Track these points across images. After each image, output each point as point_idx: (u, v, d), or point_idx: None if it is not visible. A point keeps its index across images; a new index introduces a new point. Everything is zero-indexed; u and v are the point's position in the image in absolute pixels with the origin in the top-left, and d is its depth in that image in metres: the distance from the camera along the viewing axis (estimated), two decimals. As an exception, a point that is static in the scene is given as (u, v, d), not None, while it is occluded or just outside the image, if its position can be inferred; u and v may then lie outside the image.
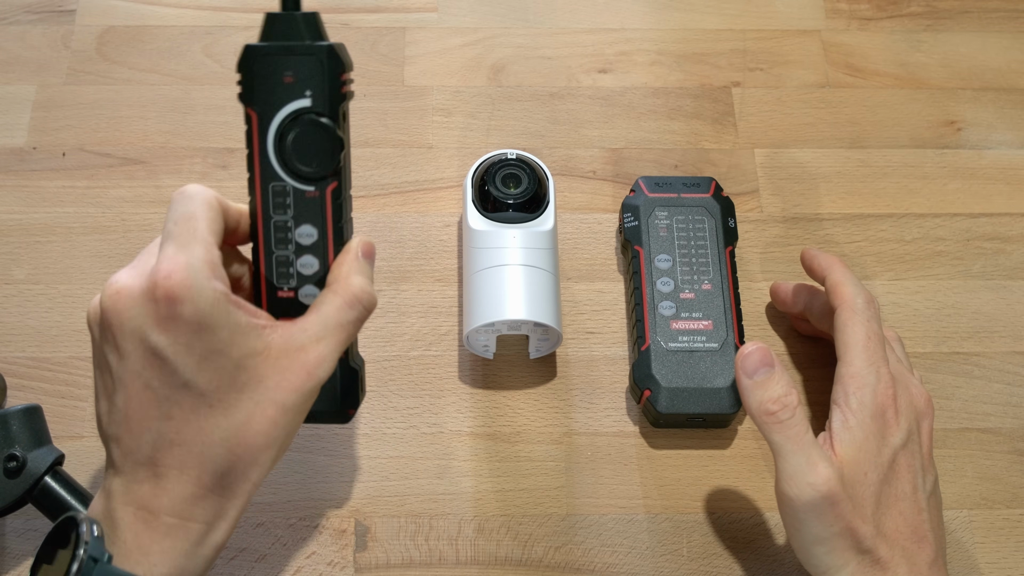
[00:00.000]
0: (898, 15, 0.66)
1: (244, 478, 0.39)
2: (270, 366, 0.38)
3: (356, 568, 0.48)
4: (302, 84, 0.39)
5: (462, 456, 0.50)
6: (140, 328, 0.37)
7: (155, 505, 0.37)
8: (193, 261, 0.37)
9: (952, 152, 0.61)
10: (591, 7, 0.65)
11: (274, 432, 0.39)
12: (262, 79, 0.40)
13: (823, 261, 0.50)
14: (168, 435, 0.37)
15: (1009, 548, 0.49)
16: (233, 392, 0.38)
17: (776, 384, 0.42)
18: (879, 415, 0.43)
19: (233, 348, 0.37)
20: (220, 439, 0.38)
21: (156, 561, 0.37)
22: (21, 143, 0.58)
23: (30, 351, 0.52)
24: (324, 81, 0.39)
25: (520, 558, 0.48)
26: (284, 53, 0.39)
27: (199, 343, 0.37)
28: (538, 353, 0.52)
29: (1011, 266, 0.57)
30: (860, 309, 0.45)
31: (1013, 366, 0.54)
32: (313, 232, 0.41)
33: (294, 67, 0.39)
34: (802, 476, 0.40)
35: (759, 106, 0.62)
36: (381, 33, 0.63)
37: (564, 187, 0.58)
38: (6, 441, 0.43)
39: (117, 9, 0.63)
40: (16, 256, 0.55)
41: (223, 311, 0.37)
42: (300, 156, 0.40)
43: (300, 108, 0.39)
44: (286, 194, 0.40)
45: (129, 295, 0.37)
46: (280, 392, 0.38)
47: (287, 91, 0.39)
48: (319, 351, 0.39)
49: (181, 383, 0.37)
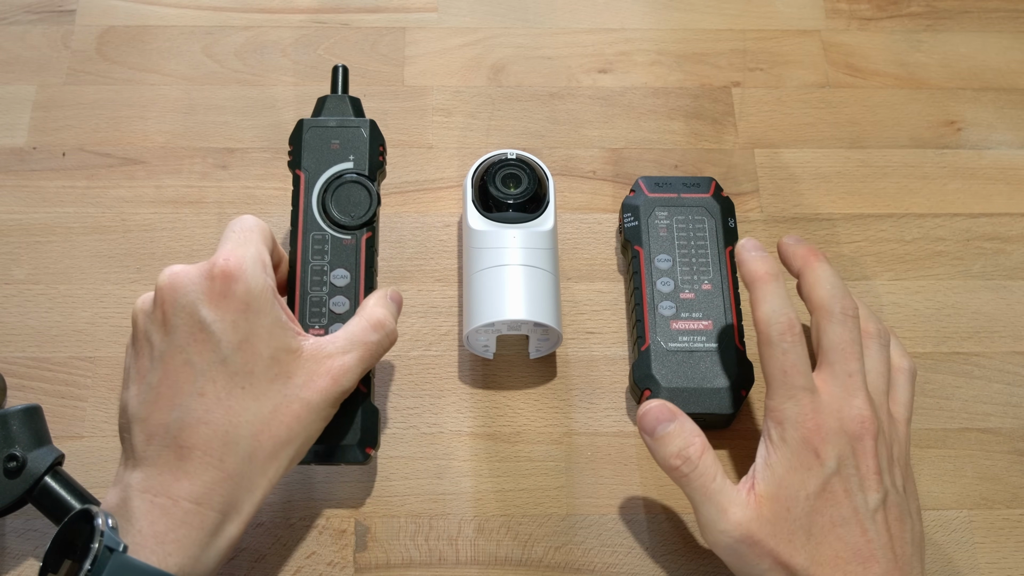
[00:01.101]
0: (898, 15, 0.66)
1: (262, 471, 0.40)
2: (300, 366, 0.41)
3: (356, 568, 0.48)
4: (346, 151, 0.48)
5: (462, 456, 0.51)
6: (192, 303, 0.40)
7: (175, 490, 0.38)
8: (248, 254, 0.41)
9: (952, 152, 0.61)
10: (591, 7, 0.65)
11: (296, 428, 0.41)
12: (311, 146, 0.48)
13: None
14: (197, 412, 0.39)
15: (1009, 548, 0.49)
16: (265, 381, 0.40)
17: (676, 438, 0.43)
18: (802, 447, 0.41)
19: (271, 339, 0.41)
20: (247, 422, 0.39)
21: (171, 550, 0.37)
22: (21, 143, 0.58)
23: (30, 351, 0.52)
24: (365, 148, 0.48)
25: (520, 558, 0.48)
26: (333, 125, 0.49)
27: (244, 323, 0.40)
28: (538, 353, 0.52)
29: (1011, 266, 0.57)
30: (774, 341, 0.43)
31: (1013, 366, 0.54)
32: (347, 275, 0.46)
33: (340, 137, 0.48)
34: (714, 524, 0.41)
35: (759, 106, 0.62)
36: (381, 33, 0.63)
37: (564, 187, 0.58)
38: (6, 441, 0.43)
39: (117, 9, 0.63)
40: (16, 256, 0.55)
41: (269, 300, 0.41)
42: (340, 210, 0.47)
43: (343, 169, 0.48)
44: (324, 242, 0.47)
45: (187, 275, 0.41)
46: (307, 391, 0.41)
47: (333, 156, 0.48)
48: (345, 361, 0.42)
49: (220, 359, 0.39)
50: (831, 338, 0.44)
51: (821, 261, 0.46)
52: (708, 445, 0.43)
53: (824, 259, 0.46)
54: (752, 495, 0.41)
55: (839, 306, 0.44)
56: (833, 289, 0.44)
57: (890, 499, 0.42)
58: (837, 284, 0.45)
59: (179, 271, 0.41)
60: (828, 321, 0.44)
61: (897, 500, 0.42)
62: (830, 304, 0.44)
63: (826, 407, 0.42)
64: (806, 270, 0.46)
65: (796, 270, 0.46)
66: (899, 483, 0.43)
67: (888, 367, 0.46)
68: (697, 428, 0.43)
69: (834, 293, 0.44)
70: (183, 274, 0.41)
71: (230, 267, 0.40)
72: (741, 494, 0.42)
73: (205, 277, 0.40)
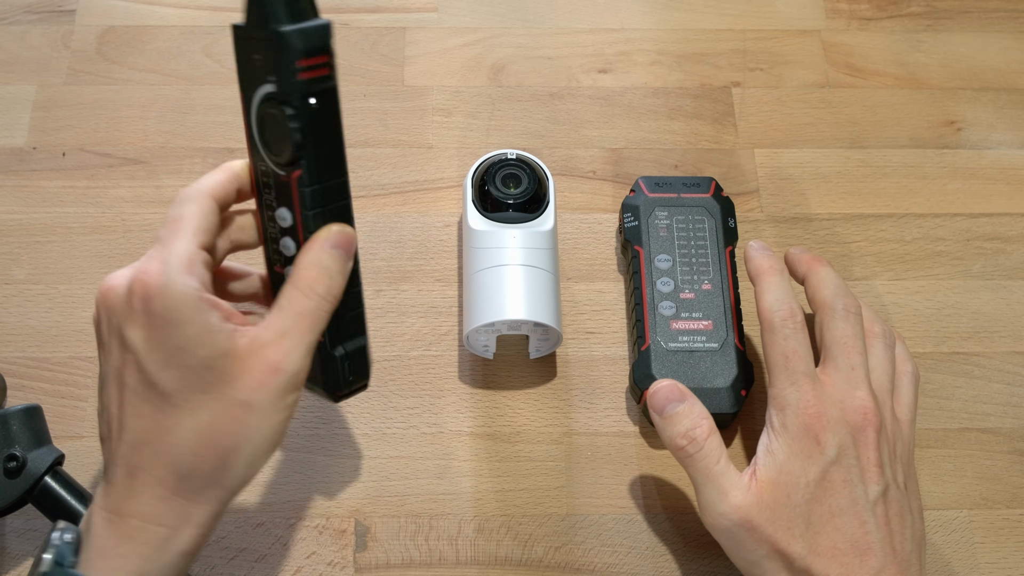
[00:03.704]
0: (898, 15, 0.66)
1: (213, 482, 0.38)
2: (238, 366, 0.38)
3: (356, 568, 0.48)
4: (266, 68, 0.37)
5: (462, 456, 0.51)
6: (119, 325, 0.38)
7: (125, 508, 0.38)
8: (170, 259, 0.38)
9: (952, 152, 0.61)
10: (591, 7, 0.65)
11: (243, 433, 0.38)
12: (243, 60, 0.39)
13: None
14: (139, 434, 0.38)
15: (1009, 548, 0.49)
16: (199, 392, 0.37)
17: (684, 419, 0.43)
18: (803, 434, 0.42)
19: (201, 347, 0.37)
20: (184, 440, 0.37)
21: (116, 565, 0.37)
22: (21, 143, 0.58)
23: (30, 351, 0.52)
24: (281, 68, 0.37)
25: (520, 558, 0.48)
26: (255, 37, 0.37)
27: (168, 340, 0.37)
28: (538, 353, 0.52)
29: (1011, 266, 0.57)
30: (776, 327, 0.44)
31: (1013, 366, 0.54)
32: (287, 216, 0.40)
33: (262, 51, 0.37)
34: (714, 507, 0.42)
35: (759, 106, 0.62)
36: (381, 33, 0.63)
37: (564, 187, 0.58)
38: (6, 441, 0.43)
39: (117, 9, 0.63)
40: (16, 256, 0.55)
41: (192, 308, 0.37)
42: (267, 141, 0.39)
43: (267, 93, 0.38)
44: (268, 175, 0.40)
45: (115, 293, 0.38)
46: (245, 392, 0.38)
47: (259, 74, 0.38)
48: (283, 346, 0.38)
49: (148, 380, 0.37)
50: (834, 333, 0.45)
51: (824, 265, 0.47)
52: (715, 429, 0.43)
53: (827, 264, 0.48)
54: (753, 480, 0.42)
55: (841, 303, 0.45)
56: (836, 289, 0.46)
57: (891, 493, 0.42)
58: (840, 285, 0.46)
59: (110, 289, 0.39)
60: (831, 318, 0.45)
61: (898, 496, 0.42)
62: (833, 302, 0.45)
63: (829, 396, 0.43)
64: (810, 274, 0.47)
65: (801, 275, 0.48)
66: (900, 479, 0.43)
67: (893, 367, 0.46)
68: (705, 411, 0.44)
69: (837, 292, 0.46)
70: (112, 293, 0.39)
71: (147, 283, 0.37)
72: (743, 479, 0.42)
73: (127, 296, 0.38)
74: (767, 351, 0.45)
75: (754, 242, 0.49)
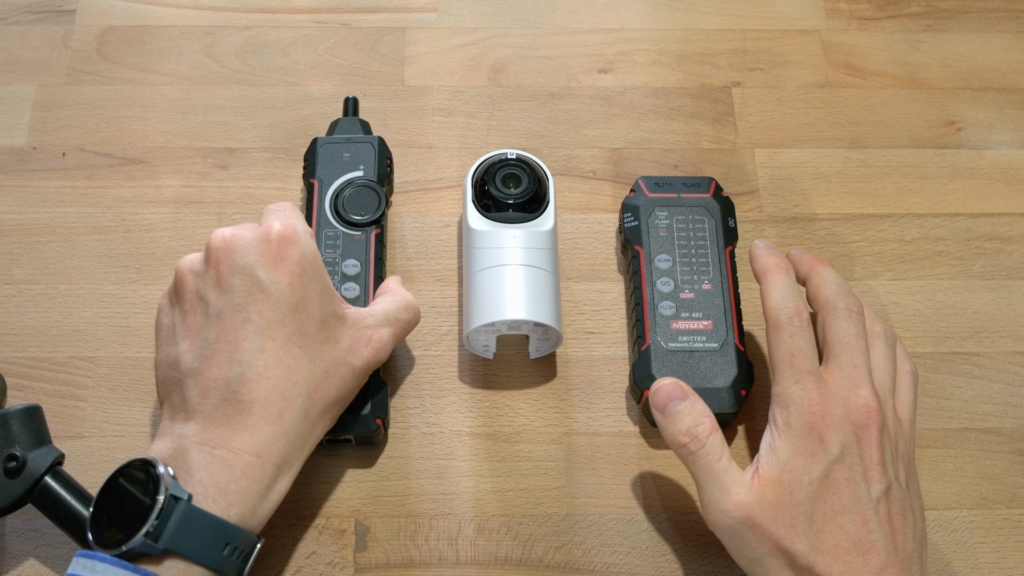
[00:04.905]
0: (898, 15, 0.66)
1: (312, 429, 0.42)
2: (345, 332, 0.44)
3: (356, 568, 0.48)
4: (356, 162, 0.53)
5: (462, 456, 0.51)
6: (250, 265, 0.41)
7: (235, 443, 0.39)
8: (299, 224, 0.43)
9: (952, 152, 0.61)
10: (591, 7, 0.65)
11: (343, 390, 0.43)
12: (325, 159, 0.53)
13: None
14: (258, 367, 0.40)
15: (1009, 548, 0.49)
16: (317, 342, 0.42)
17: (686, 416, 0.43)
18: (807, 432, 0.42)
19: (322, 304, 0.43)
20: (303, 380, 0.41)
21: (232, 500, 0.39)
22: (21, 143, 0.58)
23: (30, 351, 0.52)
24: (374, 159, 0.53)
25: (520, 558, 0.48)
26: (345, 141, 0.54)
27: (299, 286, 0.42)
28: (538, 353, 0.52)
29: (1011, 266, 0.57)
30: (782, 325, 0.44)
31: (1013, 366, 0.54)
32: (356, 264, 0.50)
33: (351, 151, 0.53)
34: (716, 504, 0.42)
35: (759, 106, 0.62)
36: (381, 33, 0.63)
37: (564, 187, 0.58)
38: (6, 441, 0.43)
39: (117, 9, 0.63)
40: (16, 256, 0.55)
41: (320, 267, 0.43)
42: (351, 209, 0.51)
43: (355, 176, 0.52)
44: (336, 238, 0.51)
45: (242, 237, 0.42)
46: (353, 356, 0.43)
47: (345, 166, 0.53)
48: (383, 334, 0.45)
49: (279, 318, 0.41)
50: (836, 332, 0.45)
51: (826, 265, 0.48)
52: (717, 426, 0.43)
53: (828, 264, 0.48)
54: (756, 478, 0.42)
55: (843, 303, 0.45)
56: (838, 289, 0.46)
57: (893, 492, 0.42)
58: (841, 284, 0.47)
59: (233, 233, 0.42)
60: (833, 317, 0.45)
61: (900, 495, 0.42)
62: (835, 301, 0.46)
63: (832, 394, 0.43)
64: (812, 274, 0.47)
65: (802, 275, 0.48)
66: (903, 478, 0.43)
67: (894, 366, 0.46)
68: (707, 409, 0.44)
69: (839, 292, 0.46)
70: (239, 236, 0.42)
71: (286, 232, 0.42)
72: (745, 476, 0.42)
73: (262, 240, 0.42)
74: (772, 349, 0.45)
75: (759, 241, 0.49)
